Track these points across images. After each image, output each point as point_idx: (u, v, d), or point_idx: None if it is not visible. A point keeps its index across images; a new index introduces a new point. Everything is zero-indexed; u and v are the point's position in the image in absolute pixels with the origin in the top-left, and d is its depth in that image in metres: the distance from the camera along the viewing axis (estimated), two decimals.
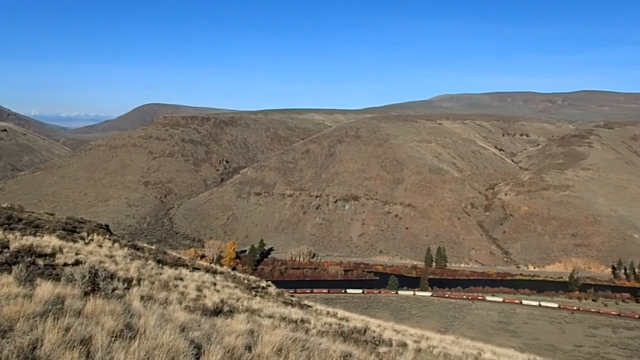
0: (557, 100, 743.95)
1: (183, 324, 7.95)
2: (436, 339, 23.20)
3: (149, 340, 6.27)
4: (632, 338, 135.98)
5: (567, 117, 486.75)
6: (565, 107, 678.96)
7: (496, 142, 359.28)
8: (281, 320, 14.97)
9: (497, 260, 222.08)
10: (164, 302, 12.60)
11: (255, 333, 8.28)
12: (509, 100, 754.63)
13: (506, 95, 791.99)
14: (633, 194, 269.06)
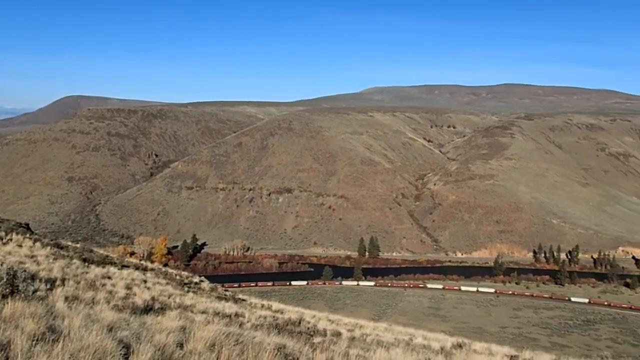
0: (481, 93, 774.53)
1: (111, 323, 7.69)
2: (369, 327, 23.71)
3: (73, 342, 6.01)
4: (552, 317, 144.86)
5: (491, 109, 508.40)
6: (489, 100, 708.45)
7: (425, 133, 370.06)
8: (214, 316, 14.79)
9: (427, 248, 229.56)
10: (91, 302, 12.12)
11: (188, 329, 8.14)
12: (437, 93, 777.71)
13: (434, 88, 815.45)
14: (551, 181, 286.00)
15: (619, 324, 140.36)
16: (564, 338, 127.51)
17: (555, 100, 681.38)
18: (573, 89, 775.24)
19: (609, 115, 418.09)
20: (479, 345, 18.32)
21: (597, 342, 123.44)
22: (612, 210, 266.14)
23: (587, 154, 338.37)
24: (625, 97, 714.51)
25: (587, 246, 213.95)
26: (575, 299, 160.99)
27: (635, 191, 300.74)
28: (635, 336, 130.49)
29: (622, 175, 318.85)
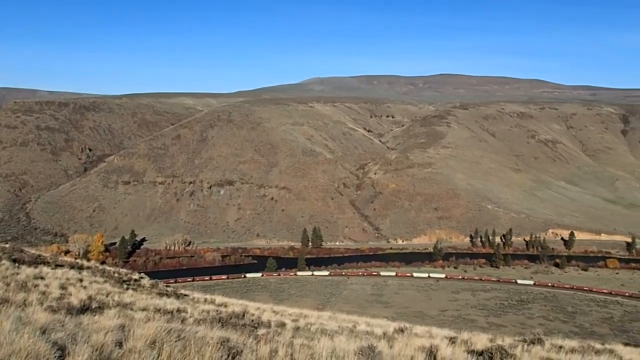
0: (418, 83, 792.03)
1: (44, 325, 7.37)
2: (314, 316, 23.93)
3: (3, 347, 5.72)
4: (489, 299, 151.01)
5: (428, 99, 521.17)
6: (425, 90, 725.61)
7: (365, 123, 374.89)
8: (155, 312, 14.48)
9: (369, 236, 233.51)
10: (22, 305, 11.57)
11: (127, 327, 7.93)
12: (375, 83, 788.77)
13: (372, 78, 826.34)
14: (486, 168, 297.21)
15: (550, 302, 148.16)
16: (500, 318, 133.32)
17: (488, 90, 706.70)
18: (505, 79, 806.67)
19: (538, 104, 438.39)
20: (420, 329, 18.87)
21: (531, 320, 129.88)
22: (543, 195, 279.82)
23: (519, 141, 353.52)
24: (553, 87, 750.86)
25: (520, 229, 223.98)
26: (521, 282, 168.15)
27: (563, 176, 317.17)
28: (565, 313, 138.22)
29: (551, 161, 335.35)
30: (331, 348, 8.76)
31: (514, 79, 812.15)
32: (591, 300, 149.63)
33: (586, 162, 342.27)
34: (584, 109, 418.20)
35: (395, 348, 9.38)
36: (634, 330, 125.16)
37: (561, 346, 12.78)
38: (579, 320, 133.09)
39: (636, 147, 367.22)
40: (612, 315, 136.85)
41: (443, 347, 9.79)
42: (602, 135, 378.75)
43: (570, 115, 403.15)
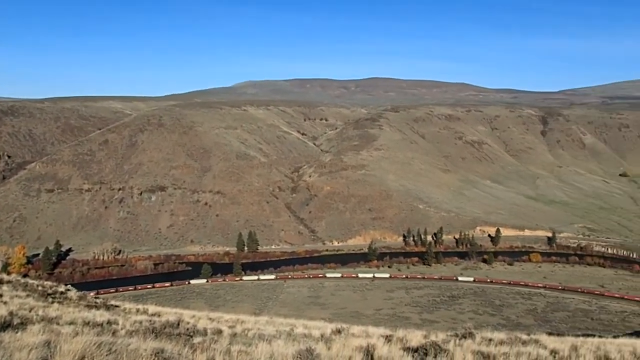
0: (350, 87, 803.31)
1: None
2: (251, 322, 23.69)
3: None
4: (421, 296, 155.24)
5: (360, 102, 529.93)
6: (357, 93, 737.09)
7: (299, 126, 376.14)
8: (84, 326, 13.82)
9: (305, 239, 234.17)
10: None
11: (53, 343, 7.50)
12: (308, 86, 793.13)
13: (305, 81, 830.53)
14: (417, 169, 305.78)
15: (479, 297, 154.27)
16: (433, 314, 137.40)
17: (417, 93, 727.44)
18: (433, 83, 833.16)
19: (464, 106, 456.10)
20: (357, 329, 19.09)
21: (461, 315, 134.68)
22: (470, 194, 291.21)
23: (447, 142, 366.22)
24: (478, 90, 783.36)
25: (450, 227, 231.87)
26: (462, 279, 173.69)
27: (489, 175, 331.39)
28: (493, 307, 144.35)
29: (478, 161, 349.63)
30: (269, 353, 8.68)
31: (442, 82, 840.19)
32: (517, 293, 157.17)
33: (509, 161, 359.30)
34: (506, 111, 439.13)
35: (333, 349, 9.43)
36: (556, 320, 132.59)
37: (491, 339, 13.30)
38: (506, 312, 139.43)
39: (554, 147, 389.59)
40: (535, 307, 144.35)
41: (380, 346, 9.94)
42: (523, 136, 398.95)
43: (494, 117, 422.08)
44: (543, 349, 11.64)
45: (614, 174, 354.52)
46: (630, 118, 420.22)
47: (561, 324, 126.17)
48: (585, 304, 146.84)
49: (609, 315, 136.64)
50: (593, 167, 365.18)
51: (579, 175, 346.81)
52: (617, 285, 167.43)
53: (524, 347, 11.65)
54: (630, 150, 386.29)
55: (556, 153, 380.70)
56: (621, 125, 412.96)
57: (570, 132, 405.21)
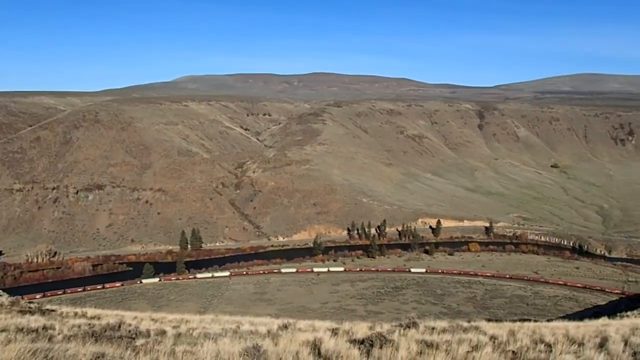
0: (293, 82, 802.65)
1: None
2: (196, 321, 23.30)
3: None
4: (366, 288, 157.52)
5: (303, 97, 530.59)
6: (300, 88, 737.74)
7: (242, 122, 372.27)
8: (17, 332, 13.16)
9: (250, 235, 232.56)
10: None
11: None
12: (251, 81, 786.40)
13: (248, 76, 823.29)
14: (360, 163, 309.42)
15: (421, 287, 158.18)
16: (377, 305, 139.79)
17: (360, 88, 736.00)
18: (375, 78, 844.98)
19: (405, 101, 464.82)
20: (303, 324, 19.14)
21: (405, 305, 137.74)
22: (412, 187, 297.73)
23: (389, 137, 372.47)
24: (418, 85, 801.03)
25: (393, 220, 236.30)
26: (414, 270, 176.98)
27: (430, 168, 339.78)
28: (435, 296, 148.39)
29: (419, 154, 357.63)
30: (215, 351, 8.56)
31: (383, 77, 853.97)
32: (457, 282, 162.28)
33: (449, 155, 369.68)
34: (445, 106, 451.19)
35: (280, 345, 9.41)
36: (494, 306, 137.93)
37: (433, 327, 13.64)
38: (447, 301, 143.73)
39: (490, 140, 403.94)
40: (475, 295, 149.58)
41: (326, 339, 10.00)
42: (461, 130, 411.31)
43: (434, 112, 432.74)
44: (483, 335, 12.06)
45: (545, 165, 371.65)
46: (560, 112, 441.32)
47: (499, 310, 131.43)
48: (521, 290, 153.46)
49: (542, 300, 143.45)
50: (527, 159, 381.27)
51: (514, 167, 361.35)
52: (549, 272, 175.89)
53: (465, 334, 12.03)
54: (560, 143, 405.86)
55: (492, 146, 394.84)
56: (552, 118, 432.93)
57: (505, 125, 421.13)
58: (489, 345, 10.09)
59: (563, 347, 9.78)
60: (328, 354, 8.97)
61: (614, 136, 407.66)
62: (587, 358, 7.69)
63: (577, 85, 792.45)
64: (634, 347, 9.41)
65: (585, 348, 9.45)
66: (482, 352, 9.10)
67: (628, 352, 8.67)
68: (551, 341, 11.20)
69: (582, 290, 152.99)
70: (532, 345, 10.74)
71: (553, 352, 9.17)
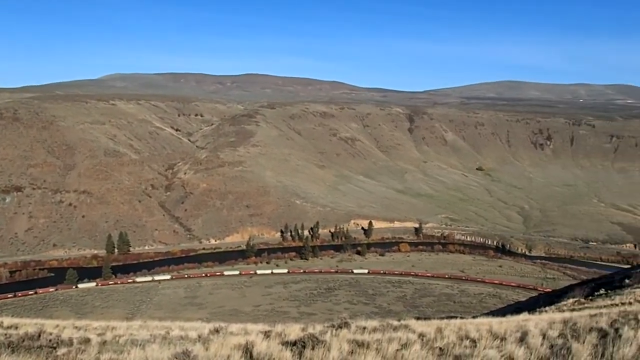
0: (226, 82, 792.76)
1: None
2: (123, 327, 22.44)
3: None
4: (299, 290, 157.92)
5: (236, 98, 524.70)
6: (233, 89, 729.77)
7: (173, 122, 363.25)
8: None
9: (181, 238, 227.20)
10: None
11: None
12: (182, 81, 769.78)
13: (180, 76, 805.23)
14: (294, 165, 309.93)
15: (353, 287, 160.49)
16: (310, 307, 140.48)
17: (293, 91, 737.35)
18: (308, 80, 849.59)
19: (338, 104, 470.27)
20: (235, 327, 18.89)
21: (337, 306, 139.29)
22: (345, 189, 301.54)
23: (322, 139, 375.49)
24: (350, 88, 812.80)
25: (326, 222, 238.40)
26: (357, 271, 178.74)
27: (362, 170, 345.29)
28: (366, 296, 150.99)
29: (351, 157, 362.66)
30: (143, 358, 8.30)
31: (317, 80, 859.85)
32: (388, 282, 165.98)
33: (380, 157, 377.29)
34: (377, 109, 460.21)
35: (211, 350, 9.23)
36: (423, 305, 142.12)
37: (365, 327, 13.84)
38: (379, 301, 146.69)
39: (420, 143, 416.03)
40: (405, 294, 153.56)
41: (258, 342, 9.92)
42: (392, 133, 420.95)
43: (366, 115, 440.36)
44: (412, 333, 12.37)
45: (471, 168, 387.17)
46: (485, 117, 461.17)
47: (428, 309, 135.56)
48: (448, 288, 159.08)
49: (468, 297, 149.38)
50: (454, 162, 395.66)
51: (442, 169, 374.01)
52: (475, 270, 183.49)
53: (395, 333, 12.29)
54: (485, 146, 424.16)
55: (422, 149, 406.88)
56: (477, 123, 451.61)
57: (433, 129, 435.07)
58: (418, 343, 10.35)
59: (487, 343, 10.20)
60: (260, 356, 8.90)
61: (533, 141, 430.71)
62: (509, 352, 8.06)
63: (500, 91, 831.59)
64: (551, 340, 9.97)
65: (507, 342, 9.90)
66: (410, 350, 9.32)
67: (546, 345, 9.16)
68: (476, 337, 11.65)
69: (505, 287, 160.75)
70: (458, 341, 11.13)
71: (477, 347, 9.55)
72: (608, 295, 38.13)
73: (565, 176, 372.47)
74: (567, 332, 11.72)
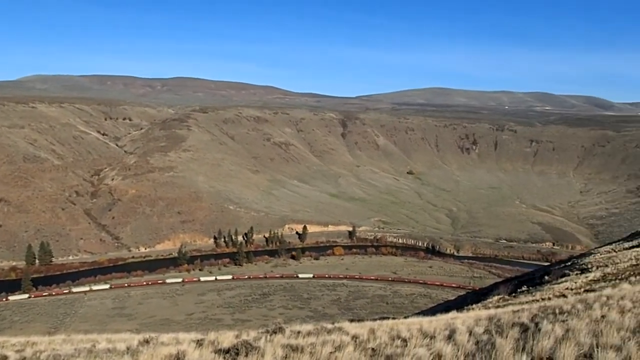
0: (156, 86, 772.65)
1: None
2: (44, 342, 21.24)
3: None
4: (234, 296, 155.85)
5: (167, 102, 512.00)
6: (164, 92, 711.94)
7: (99, 126, 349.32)
8: None
9: (109, 246, 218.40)
10: None
11: None
12: (109, 83, 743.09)
13: (106, 78, 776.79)
14: (227, 170, 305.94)
15: (288, 292, 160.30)
16: (245, 313, 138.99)
17: (226, 95, 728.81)
18: (241, 85, 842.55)
19: (272, 109, 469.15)
20: (166, 337, 18.35)
21: (272, 312, 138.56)
22: (279, 193, 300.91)
23: (256, 144, 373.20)
24: (284, 93, 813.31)
25: (260, 227, 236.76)
26: (302, 275, 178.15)
27: (296, 175, 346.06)
28: (301, 301, 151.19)
29: (285, 162, 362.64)
30: None
31: (250, 85, 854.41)
32: (322, 286, 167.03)
33: (314, 162, 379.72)
34: (310, 114, 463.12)
35: None
36: (357, 307, 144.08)
37: (299, 331, 13.84)
38: (313, 304, 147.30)
39: (353, 148, 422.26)
40: (339, 297, 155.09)
41: (190, 352, 9.71)
42: (326, 138, 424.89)
43: (300, 120, 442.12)
44: (346, 335, 12.50)
45: (402, 172, 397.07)
46: (415, 122, 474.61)
47: (361, 310, 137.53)
48: (381, 290, 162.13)
49: (400, 298, 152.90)
50: (386, 166, 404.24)
51: (374, 173, 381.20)
52: (407, 271, 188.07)
53: (329, 336, 12.38)
54: (415, 151, 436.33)
55: (355, 154, 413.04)
56: (407, 128, 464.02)
57: (366, 134, 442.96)
58: (351, 345, 10.47)
59: (417, 341, 10.47)
60: None
61: (460, 145, 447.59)
62: (437, 350, 8.30)
63: (429, 98, 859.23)
64: (477, 337, 10.38)
65: (436, 340, 10.20)
66: (344, 352, 9.41)
67: (472, 342, 9.51)
68: (407, 336, 11.93)
69: (436, 287, 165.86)
70: (390, 341, 11.36)
71: (408, 346, 9.78)
72: (530, 292, 40.17)
73: (490, 179, 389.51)
74: (492, 328, 12.24)
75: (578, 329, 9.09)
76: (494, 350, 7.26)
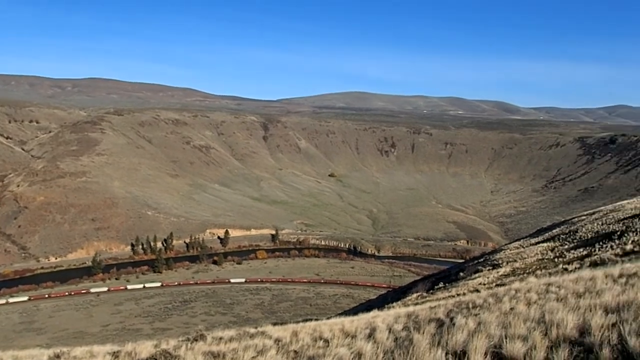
0: (66, 87, 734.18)
1: None
2: None
3: None
4: (153, 305, 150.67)
5: (78, 104, 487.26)
6: (75, 94, 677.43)
7: (2, 129, 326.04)
8: None
9: (14, 257, 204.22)
10: None
11: None
12: (14, 84, 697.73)
13: (10, 78, 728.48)
14: (144, 175, 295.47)
15: (210, 298, 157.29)
16: (165, 322, 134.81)
17: (143, 97, 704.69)
18: (159, 86, 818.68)
19: (191, 111, 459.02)
20: (79, 350, 17.44)
21: (194, 319, 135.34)
22: (199, 198, 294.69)
23: (175, 147, 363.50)
24: (204, 96, 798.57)
25: (180, 232, 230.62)
26: (234, 280, 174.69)
27: (217, 179, 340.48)
28: (224, 306, 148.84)
29: (205, 165, 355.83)
30: None
31: (168, 86, 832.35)
32: (246, 290, 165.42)
33: (236, 165, 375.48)
34: (232, 117, 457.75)
35: None
36: (280, 310, 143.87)
37: (221, 337, 13.65)
38: (236, 309, 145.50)
39: (275, 151, 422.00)
40: (263, 301, 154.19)
41: None
42: (247, 141, 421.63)
43: (221, 123, 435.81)
44: (268, 339, 12.47)
45: (324, 174, 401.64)
46: (336, 125, 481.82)
47: (285, 313, 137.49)
48: (305, 292, 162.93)
49: (324, 299, 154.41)
50: (307, 169, 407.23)
51: (297, 176, 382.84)
52: (329, 272, 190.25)
53: (252, 340, 12.30)
54: (336, 154, 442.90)
55: (277, 157, 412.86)
56: (328, 131, 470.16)
57: (288, 137, 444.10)
58: (274, 348, 10.46)
59: (339, 341, 10.63)
60: None
61: (379, 148, 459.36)
62: (358, 348, 8.47)
63: (349, 102, 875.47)
64: (396, 334, 10.70)
65: (357, 339, 10.40)
66: (266, 356, 9.39)
67: (391, 339, 9.79)
68: (329, 337, 12.08)
69: (358, 287, 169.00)
70: (312, 342, 11.46)
71: (330, 346, 9.90)
72: (446, 288, 41.92)
73: (408, 181, 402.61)
74: (410, 324, 12.67)
75: (489, 321, 9.60)
76: (412, 346, 7.52)
